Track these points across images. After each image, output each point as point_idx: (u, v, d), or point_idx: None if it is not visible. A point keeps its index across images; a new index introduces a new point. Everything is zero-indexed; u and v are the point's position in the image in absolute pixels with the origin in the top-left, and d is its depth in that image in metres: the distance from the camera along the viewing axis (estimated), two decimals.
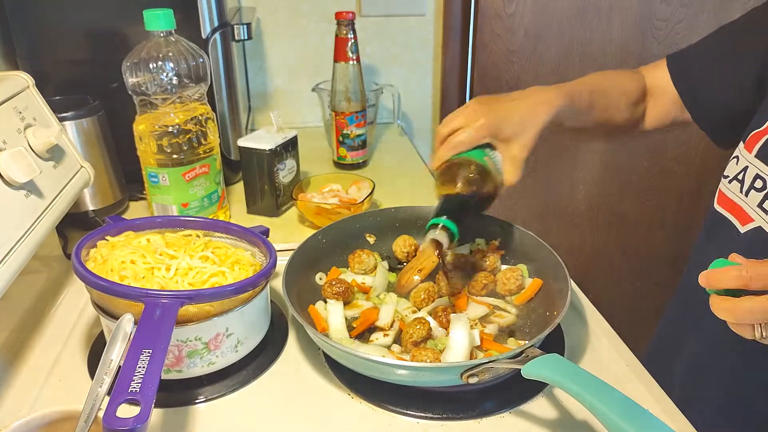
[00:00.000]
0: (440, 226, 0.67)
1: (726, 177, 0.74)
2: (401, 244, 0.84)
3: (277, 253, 0.70)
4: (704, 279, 0.49)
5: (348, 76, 1.16)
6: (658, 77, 0.88)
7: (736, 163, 0.72)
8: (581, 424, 0.59)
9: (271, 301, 0.73)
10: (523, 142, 0.75)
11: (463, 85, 1.54)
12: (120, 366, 0.49)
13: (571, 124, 0.83)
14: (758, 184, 0.67)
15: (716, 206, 0.75)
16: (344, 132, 1.20)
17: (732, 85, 0.78)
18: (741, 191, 0.70)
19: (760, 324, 0.46)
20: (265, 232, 0.76)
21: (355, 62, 1.15)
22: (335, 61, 1.16)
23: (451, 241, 0.68)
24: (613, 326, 0.75)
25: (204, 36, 1.01)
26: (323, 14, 1.43)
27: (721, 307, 0.47)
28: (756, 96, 0.74)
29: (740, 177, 0.71)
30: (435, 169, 0.76)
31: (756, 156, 0.68)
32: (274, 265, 0.68)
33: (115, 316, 0.61)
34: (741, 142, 0.73)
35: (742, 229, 0.69)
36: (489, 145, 0.75)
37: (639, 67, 0.92)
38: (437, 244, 0.68)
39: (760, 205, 0.66)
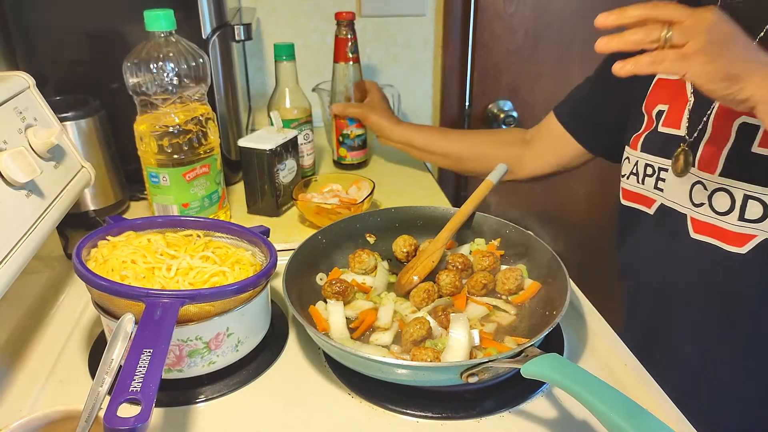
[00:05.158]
0: None
1: (623, 175, 0.88)
2: (401, 244, 0.84)
3: (278, 253, 0.70)
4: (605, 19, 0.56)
5: (348, 77, 1.16)
6: (551, 128, 1.03)
7: (628, 162, 0.86)
8: (581, 423, 0.59)
9: (272, 301, 0.73)
10: None
11: (463, 85, 1.54)
12: (121, 366, 0.49)
13: None
14: (649, 171, 0.82)
15: (623, 201, 0.88)
16: (344, 132, 1.20)
17: (608, 116, 0.94)
18: (638, 182, 0.84)
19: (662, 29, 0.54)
20: (266, 232, 0.76)
21: (354, 62, 1.15)
22: (335, 61, 1.16)
23: None
24: (613, 326, 0.75)
25: (204, 36, 1.01)
26: (323, 14, 1.43)
27: (609, 42, 0.55)
28: (625, 117, 0.90)
29: (634, 171, 0.85)
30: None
31: (641, 150, 0.83)
32: (275, 265, 0.68)
33: (115, 316, 0.61)
34: (626, 146, 0.88)
35: (651, 211, 0.83)
36: None
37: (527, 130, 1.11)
38: None
39: (655, 187, 0.81)
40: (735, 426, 0.82)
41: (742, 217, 0.70)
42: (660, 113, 0.82)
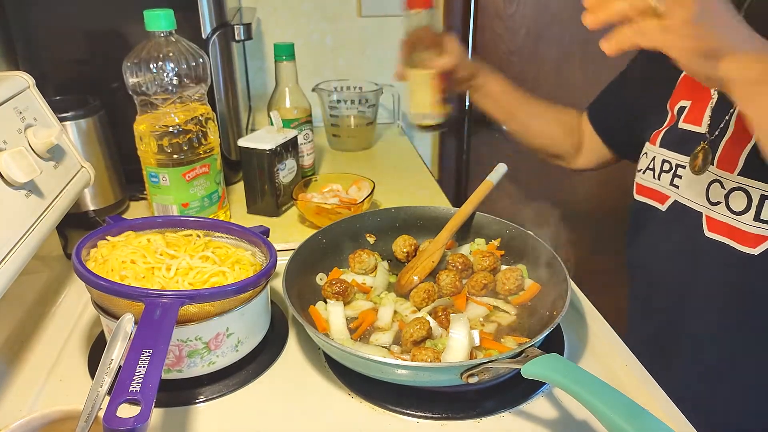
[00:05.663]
0: None
1: (639, 170, 0.87)
2: (401, 244, 0.84)
3: (278, 253, 0.70)
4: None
5: (427, 25, 0.95)
6: (586, 126, 1.02)
7: (646, 157, 0.85)
8: (581, 424, 0.59)
9: (272, 301, 0.73)
10: None
11: None
12: (120, 366, 0.49)
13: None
14: (666, 167, 0.82)
15: (636, 196, 0.87)
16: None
17: (633, 115, 0.92)
18: (654, 177, 0.83)
19: None
20: (266, 232, 0.76)
21: (431, 8, 0.95)
22: (408, 9, 0.94)
23: None
24: (614, 326, 0.75)
25: (204, 36, 1.01)
26: (323, 14, 1.43)
27: (596, 14, 0.53)
28: (648, 115, 0.89)
29: (651, 166, 0.84)
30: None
31: (660, 146, 0.82)
32: (275, 265, 0.68)
33: (115, 316, 0.61)
34: (646, 142, 0.87)
35: (663, 208, 0.82)
36: None
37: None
38: None
39: (671, 183, 0.81)
40: (742, 425, 0.81)
41: (757, 217, 0.69)
42: (682, 109, 0.81)
